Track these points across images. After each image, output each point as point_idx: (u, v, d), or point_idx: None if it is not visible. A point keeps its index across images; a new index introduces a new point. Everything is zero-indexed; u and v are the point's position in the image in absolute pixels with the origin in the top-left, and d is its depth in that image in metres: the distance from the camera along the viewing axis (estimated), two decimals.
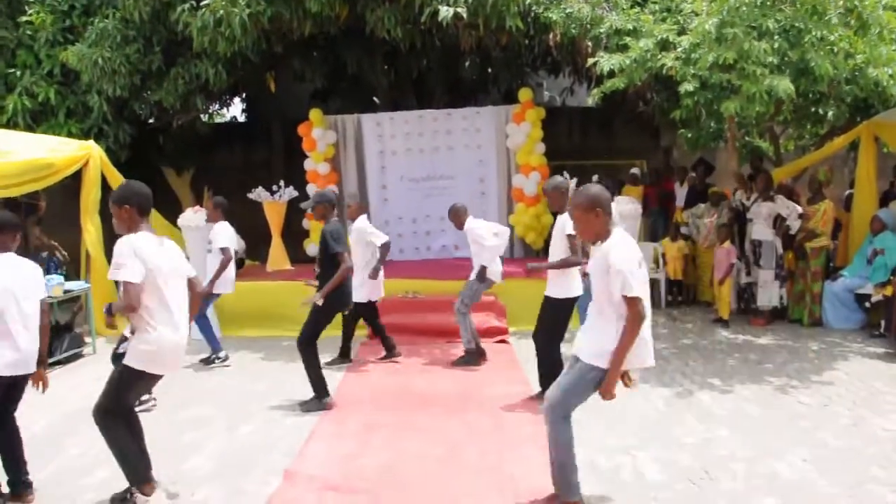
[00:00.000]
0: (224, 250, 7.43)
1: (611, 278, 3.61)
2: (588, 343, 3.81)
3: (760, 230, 8.73)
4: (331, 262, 6.08)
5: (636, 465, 4.58)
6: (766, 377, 6.52)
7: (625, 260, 3.61)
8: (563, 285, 5.79)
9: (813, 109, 8.61)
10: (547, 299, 5.88)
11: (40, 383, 4.41)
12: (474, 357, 7.24)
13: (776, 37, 6.88)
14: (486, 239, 7.09)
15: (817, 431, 5.12)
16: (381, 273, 7.57)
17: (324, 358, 6.31)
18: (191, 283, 4.26)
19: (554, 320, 5.83)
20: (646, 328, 3.70)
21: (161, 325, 3.96)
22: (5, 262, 4.26)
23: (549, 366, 5.70)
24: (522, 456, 4.74)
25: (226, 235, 7.57)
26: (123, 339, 5.52)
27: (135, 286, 3.82)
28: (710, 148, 11.16)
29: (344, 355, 7.53)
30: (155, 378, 4.14)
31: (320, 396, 6.03)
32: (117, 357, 5.85)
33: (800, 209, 8.61)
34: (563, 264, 5.76)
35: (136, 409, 4.72)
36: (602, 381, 3.70)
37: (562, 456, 3.82)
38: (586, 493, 4.12)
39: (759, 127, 9.82)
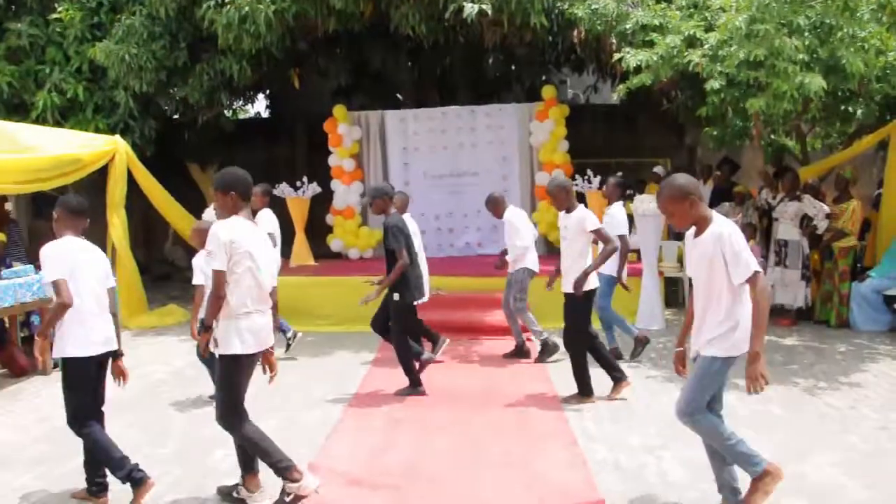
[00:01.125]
0: (270, 236, 7.46)
1: (730, 261, 3.51)
2: (702, 335, 3.73)
3: (787, 230, 8.64)
4: (392, 255, 6.09)
5: (660, 464, 4.55)
6: (792, 378, 6.45)
7: (740, 239, 3.54)
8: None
9: (842, 107, 8.48)
10: (567, 296, 5.86)
11: (121, 377, 4.42)
12: (552, 347, 7.22)
13: (807, 33, 6.79)
14: (522, 238, 7.15)
15: (845, 434, 5.06)
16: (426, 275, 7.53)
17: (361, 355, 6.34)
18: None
19: (577, 319, 5.83)
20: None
21: (253, 305, 3.99)
22: (83, 246, 4.31)
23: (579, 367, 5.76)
24: (548, 453, 4.73)
25: (272, 222, 7.61)
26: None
27: (221, 273, 3.86)
28: (735, 146, 11.04)
29: (433, 340, 7.38)
30: (254, 359, 4.09)
31: (414, 384, 6.18)
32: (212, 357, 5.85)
33: (827, 209, 8.51)
34: (607, 255, 5.82)
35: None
36: (727, 368, 3.67)
37: (724, 441, 3.73)
38: (610, 490, 4.11)
39: (785, 125, 9.70)
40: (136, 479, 4.07)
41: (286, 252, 11.06)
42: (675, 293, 10.15)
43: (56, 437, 5.12)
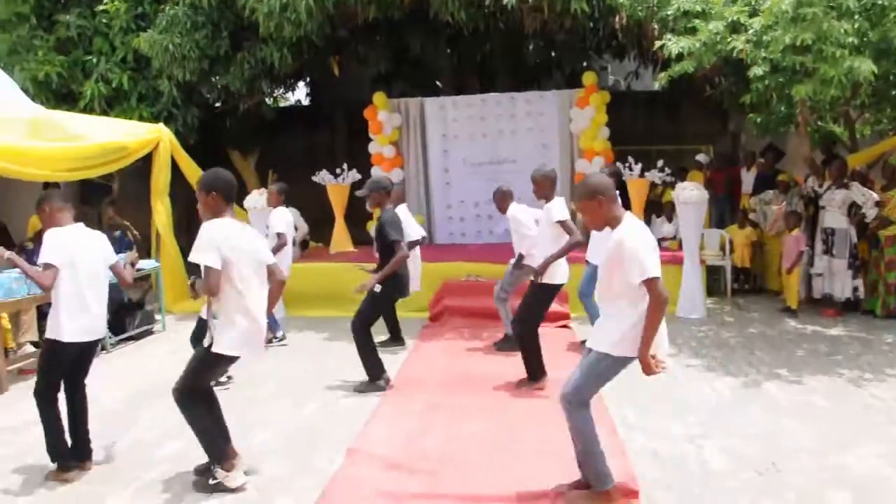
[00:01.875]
0: (280, 235, 7.55)
1: (626, 265, 3.53)
2: (599, 332, 3.75)
3: (834, 218, 8.46)
4: (388, 249, 6.13)
5: (700, 453, 4.51)
6: (836, 369, 6.33)
7: (639, 243, 3.54)
8: (550, 272, 5.83)
9: (893, 92, 8.24)
10: (532, 284, 5.92)
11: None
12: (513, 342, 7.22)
13: (856, 15, 6.61)
14: (529, 228, 7.06)
15: (891, 426, 4.96)
16: (417, 268, 7.61)
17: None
18: (270, 271, 4.26)
19: (531, 304, 5.89)
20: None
21: (241, 312, 4.02)
22: (73, 232, 4.48)
23: (527, 351, 5.84)
24: None
25: (284, 221, 7.69)
26: (202, 322, 5.71)
27: (215, 271, 3.88)
28: (779, 133, 10.82)
29: (396, 338, 7.58)
30: (234, 360, 4.20)
31: (374, 379, 6.10)
32: (196, 338, 6.05)
33: (876, 196, 8.31)
34: (567, 249, 5.82)
35: (214, 387, 4.91)
36: (618, 367, 3.67)
37: (585, 446, 3.76)
38: (649, 479, 4.09)
39: (833, 111, 9.47)
40: (62, 465, 4.41)
41: (326, 238, 11.20)
42: (717, 281, 10.02)
43: (102, 417, 5.26)
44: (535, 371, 5.93)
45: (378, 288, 6.07)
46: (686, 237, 8.76)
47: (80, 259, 4.42)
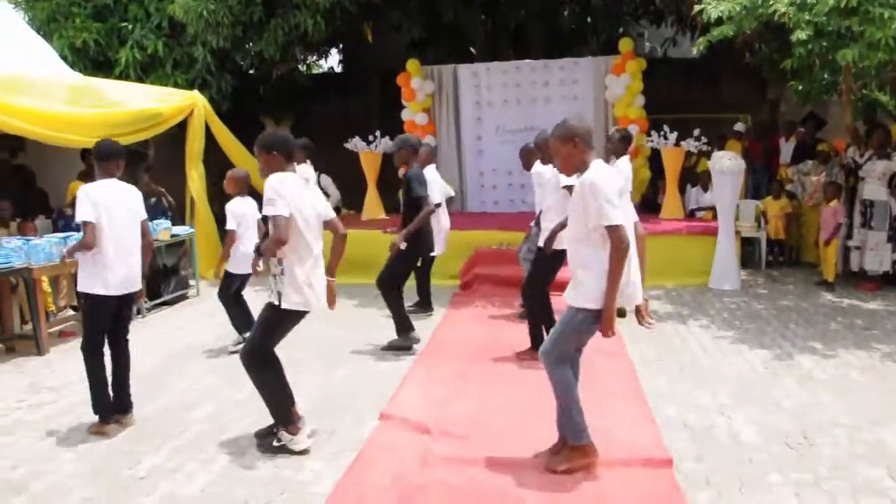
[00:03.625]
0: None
1: (589, 209, 3.52)
2: (575, 287, 3.74)
3: (873, 189, 8.27)
4: (414, 205, 6.14)
5: (731, 425, 4.49)
6: (873, 344, 6.23)
7: (603, 188, 3.50)
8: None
9: None
10: (540, 250, 5.81)
11: (142, 297, 4.84)
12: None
13: None
14: (551, 185, 7.02)
15: None
16: (443, 230, 7.57)
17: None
18: (333, 226, 4.35)
19: (540, 270, 5.79)
20: (633, 268, 3.65)
21: (307, 266, 4.07)
22: (108, 187, 4.56)
23: (541, 318, 5.75)
24: (616, 410, 4.71)
25: (311, 175, 7.78)
26: (228, 276, 5.84)
27: (284, 220, 3.92)
28: (821, 101, 10.57)
29: (424, 304, 7.60)
30: (301, 316, 4.23)
31: (404, 332, 6.19)
32: (224, 294, 6.17)
33: None
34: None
35: None
36: (592, 322, 3.64)
37: (563, 400, 3.79)
38: (678, 449, 4.09)
39: (878, 78, 9.20)
40: (103, 418, 4.57)
41: (358, 205, 11.24)
42: (752, 253, 9.89)
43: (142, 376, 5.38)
44: (538, 340, 5.85)
45: (403, 245, 6.13)
46: (721, 207, 8.64)
47: (115, 213, 4.52)
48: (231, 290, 6.34)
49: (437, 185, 7.41)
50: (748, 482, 3.73)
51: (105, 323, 4.61)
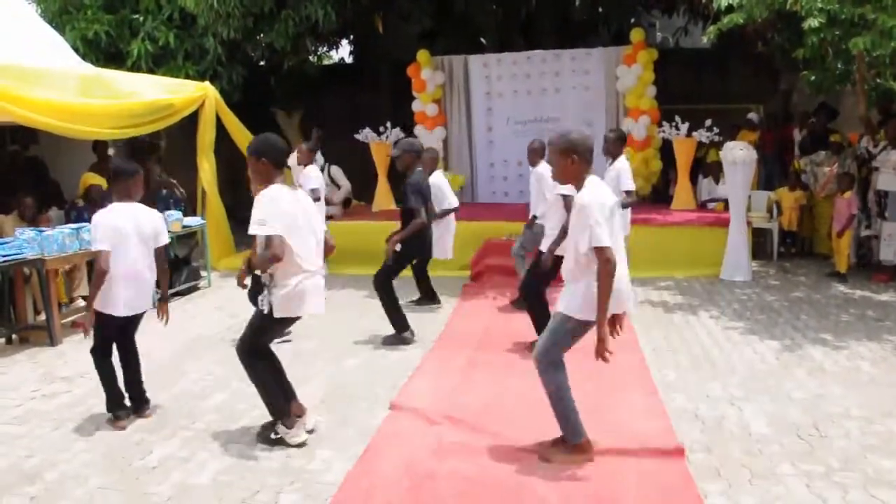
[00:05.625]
0: (314, 191, 7.65)
1: (578, 227, 3.60)
2: (564, 294, 3.82)
3: (887, 180, 8.21)
4: (409, 213, 6.23)
5: (741, 416, 4.48)
6: (885, 335, 6.20)
7: (593, 210, 3.54)
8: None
9: None
10: (541, 254, 5.77)
11: (164, 316, 4.80)
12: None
13: None
14: (550, 191, 7.02)
15: None
16: (451, 236, 7.59)
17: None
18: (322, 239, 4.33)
19: (539, 273, 5.73)
20: (622, 278, 3.68)
21: (299, 275, 4.05)
22: (125, 209, 4.56)
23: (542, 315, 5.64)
24: (627, 400, 4.72)
25: (318, 178, 7.86)
26: (257, 278, 5.82)
27: (278, 238, 3.90)
28: (834, 91, 10.47)
29: (430, 297, 7.61)
30: (294, 321, 4.29)
31: (400, 331, 6.24)
32: (254, 296, 6.16)
33: None
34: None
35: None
36: (577, 331, 3.76)
37: (557, 405, 3.85)
38: (689, 440, 4.08)
39: (893, 66, 9.10)
40: (116, 414, 4.62)
41: (368, 196, 11.25)
42: (763, 244, 9.84)
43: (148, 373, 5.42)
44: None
45: (398, 246, 6.26)
46: (733, 198, 8.59)
47: (126, 238, 4.52)
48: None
49: (447, 191, 7.45)
50: (759, 473, 3.73)
51: (113, 335, 4.67)
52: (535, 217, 7.02)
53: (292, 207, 4.03)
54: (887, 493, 3.51)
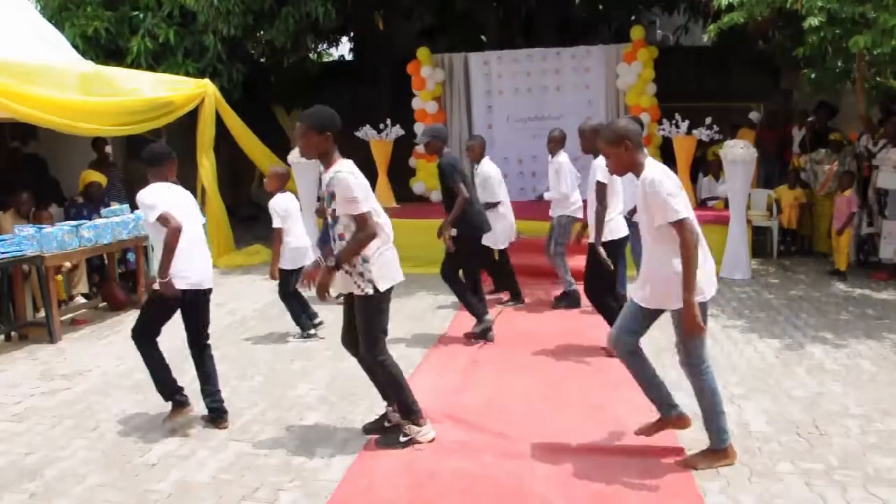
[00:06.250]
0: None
1: (652, 207, 3.53)
2: (667, 292, 3.66)
3: (887, 178, 8.20)
4: (450, 193, 6.09)
5: (741, 414, 4.48)
6: (884, 334, 6.19)
7: (664, 183, 3.50)
8: (609, 227, 5.63)
9: None
10: (592, 246, 5.66)
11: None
12: (575, 298, 7.18)
13: None
14: (566, 183, 7.04)
15: None
16: (511, 222, 7.41)
17: (440, 298, 6.38)
18: None
19: (600, 266, 5.59)
20: (707, 257, 3.64)
21: (387, 243, 4.03)
22: (168, 189, 4.51)
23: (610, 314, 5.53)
24: (627, 398, 4.71)
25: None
26: (285, 273, 5.81)
27: (371, 215, 3.86)
28: (835, 90, 10.47)
29: (514, 295, 7.50)
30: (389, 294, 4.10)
31: (481, 316, 6.13)
32: (285, 294, 6.22)
33: None
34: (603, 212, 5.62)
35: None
36: (704, 315, 3.62)
37: (708, 401, 3.77)
38: (688, 439, 4.08)
39: (893, 65, 9.11)
40: (178, 402, 4.47)
41: None
42: (762, 242, 9.83)
43: None
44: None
45: (454, 231, 6.10)
46: (733, 196, 8.59)
47: (185, 213, 4.48)
48: (291, 287, 6.31)
49: (497, 179, 7.20)
50: (758, 472, 3.73)
51: (165, 316, 4.48)
52: (541, 196, 6.90)
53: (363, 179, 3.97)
54: (887, 491, 3.51)
